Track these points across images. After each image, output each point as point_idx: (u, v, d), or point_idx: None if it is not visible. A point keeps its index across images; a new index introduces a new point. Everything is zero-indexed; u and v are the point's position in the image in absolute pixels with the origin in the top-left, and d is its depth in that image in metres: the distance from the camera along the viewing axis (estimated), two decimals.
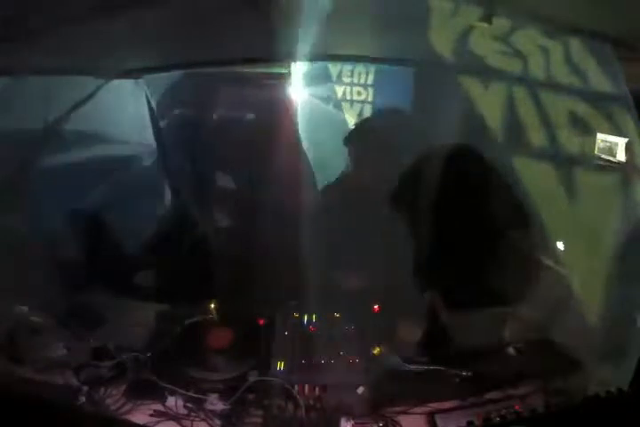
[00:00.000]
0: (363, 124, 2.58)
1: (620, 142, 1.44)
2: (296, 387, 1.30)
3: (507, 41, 1.53)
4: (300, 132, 2.60)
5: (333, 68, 2.84)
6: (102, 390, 1.32)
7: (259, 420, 1.26)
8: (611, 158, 1.48)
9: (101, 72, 2.14)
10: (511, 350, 1.47)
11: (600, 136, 1.50)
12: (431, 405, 1.31)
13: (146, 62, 2.24)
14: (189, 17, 1.46)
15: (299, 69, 2.50)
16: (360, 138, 1.88)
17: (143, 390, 1.33)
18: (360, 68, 2.83)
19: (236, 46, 1.96)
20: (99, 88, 2.14)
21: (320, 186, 2.76)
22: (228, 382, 1.35)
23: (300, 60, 2.26)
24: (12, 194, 1.69)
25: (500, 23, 1.49)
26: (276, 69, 2.63)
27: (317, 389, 1.32)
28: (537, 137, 1.61)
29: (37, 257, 1.68)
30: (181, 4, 1.34)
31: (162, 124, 2.82)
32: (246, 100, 2.89)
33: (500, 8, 1.44)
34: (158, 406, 1.30)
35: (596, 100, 1.52)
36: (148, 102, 2.74)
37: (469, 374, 1.36)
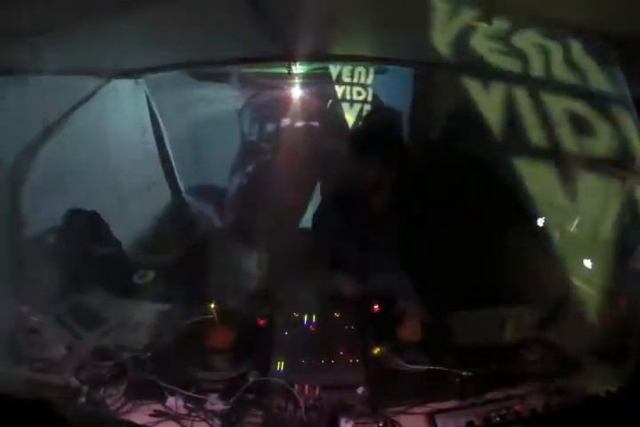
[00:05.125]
0: (364, 125, 2.58)
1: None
2: (296, 387, 1.30)
3: (507, 41, 1.53)
4: (299, 132, 2.60)
5: (333, 69, 2.84)
6: (102, 390, 1.32)
7: (259, 420, 1.26)
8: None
9: (101, 72, 2.14)
10: (511, 351, 1.47)
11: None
12: (431, 405, 1.31)
13: (146, 62, 2.24)
14: (189, 17, 1.46)
15: (299, 69, 2.50)
16: (362, 138, 1.89)
17: (143, 390, 1.33)
18: (360, 68, 2.83)
19: (236, 46, 1.96)
20: (99, 88, 2.14)
21: (321, 185, 2.76)
22: (228, 382, 1.35)
23: (300, 60, 2.26)
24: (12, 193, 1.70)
25: (500, 23, 1.49)
26: (276, 69, 2.63)
27: (317, 389, 1.32)
28: (537, 137, 1.60)
29: (37, 257, 1.69)
30: (181, 4, 1.34)
31: (162, 123, 2.82)
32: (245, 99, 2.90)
33: (499, 8, 1.44)
34: (158, 406, 1.29)
35: (596, 100, 1.52)
36: (148, 102, 2.74)
37: (469, 374, 1.36)
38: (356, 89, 2.89)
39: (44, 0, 1.17)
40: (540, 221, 1.70)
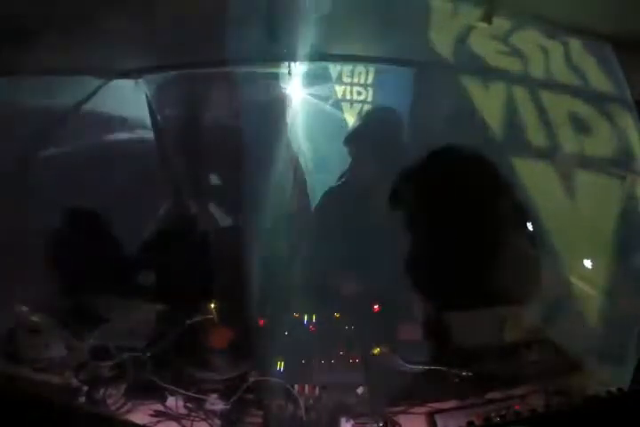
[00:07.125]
0: (363, 125, 2.58)
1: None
2: (296, 387, 1.30)
3: (507, 41, 1.53)
4: (298, 131, 2.60)
5: (333, 68, 2.84)
6: (102, 390, 1.32)
7: (259, 420, 1.26)
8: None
9: (101, 72, 2.14)
10: (511, 351, 1.47)
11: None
12: (431, 405, 1.31)
13: (146, 62, 2.24)
14: (189, 17, 1.46)
15: (299, 69, 2.50)
16: (360, 138, 1.89)
17: (143, 390, 1.33)
18: (360, 68, 2.83)
19: (235, 46, 1.96)
20: (99, 88, 2.14)
21: (318, 186, 2.76)
22: (228, 382, 1.35)
23: (300, 60, 2.26)
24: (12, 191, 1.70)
25: (500, 23, 1.49)
26: (276, 69, 2.63)
27: (317, 389, 1.31)
28: (537, 137, 1.61)
29: (37, 256, 1.69)
30: (182, 4, 1.35)
31: (161, 124, 2.82)
32: (245, 100, 2.89)
33: (500, 8, 1.44)
34: (158, 407, 1.29)
35: (596, 100, 1.52)
36: (148, 102, 2.74)
37: (469, 374, 1.36)
38: (356, 89, 2.89)
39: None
40: (540, 221, 1.70)
